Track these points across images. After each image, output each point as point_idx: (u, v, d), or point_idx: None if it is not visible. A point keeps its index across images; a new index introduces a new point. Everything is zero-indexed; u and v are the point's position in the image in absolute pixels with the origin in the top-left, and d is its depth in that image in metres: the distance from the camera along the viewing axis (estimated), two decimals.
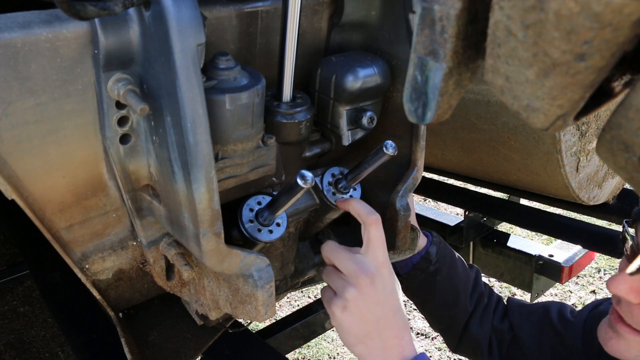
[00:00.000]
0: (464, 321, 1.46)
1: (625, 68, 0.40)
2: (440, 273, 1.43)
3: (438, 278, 1.43)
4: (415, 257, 1.44)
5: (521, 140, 1.81)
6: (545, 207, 2.63)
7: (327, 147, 1.17)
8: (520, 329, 1.41)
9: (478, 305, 1.47)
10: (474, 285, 1.49)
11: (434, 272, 1.43)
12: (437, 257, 1.43)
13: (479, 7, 0.41)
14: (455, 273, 1.45)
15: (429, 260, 1.42)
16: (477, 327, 1.44)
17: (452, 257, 1.47)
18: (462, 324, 1.46)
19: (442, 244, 1.47)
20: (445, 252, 1.46)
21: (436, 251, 1.43)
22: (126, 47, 0.77)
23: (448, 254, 1.46)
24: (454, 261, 1.47)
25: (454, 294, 1.45)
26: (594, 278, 4.40)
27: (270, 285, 0.96)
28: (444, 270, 1.43)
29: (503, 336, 1.43)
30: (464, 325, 1.46)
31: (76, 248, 0.98)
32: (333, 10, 1.13)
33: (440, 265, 1.43)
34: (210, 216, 0.83)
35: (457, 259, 1.49)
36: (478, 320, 1.45)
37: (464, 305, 1.45)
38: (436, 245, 1.44)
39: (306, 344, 3.03)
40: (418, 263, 1.43)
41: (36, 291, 3.69)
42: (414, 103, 0.46)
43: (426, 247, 1.44)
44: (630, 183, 0.40)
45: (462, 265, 1.50)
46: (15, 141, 0.77)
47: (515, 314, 1.44)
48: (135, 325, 1.25)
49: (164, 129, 0.81)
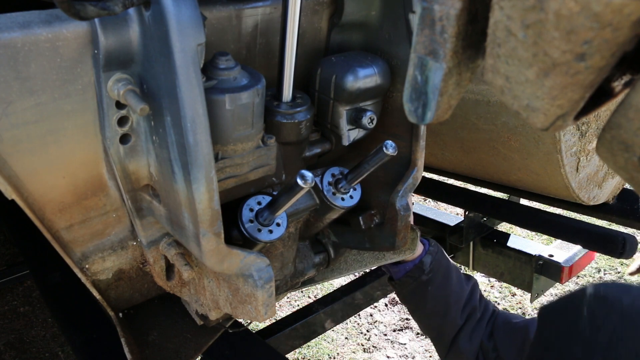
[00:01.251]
0: (453, 334, 1.44)
1: (625, 68, 0.40)
2: (432, 283, 1.43)
3: (429, 288, 1.43)
4: (408, 265, 1.44)
5: (521, 140, 1.81)
6: (545, 207, 2.63)
7: (327, 147, 1.17)
8: (503, 349, 1.37)
9: (469, 320, 1.45)
10: (468, 299, 1.47)
11: (426, 281, 1.42)
12: (431, 267, 1.42)
13: (479, 7, 0.41)
14: (447, 285, 1.44)
15: (422, 269, 1.42)
16: (466, 342, 1.42)
17: (447, 268, 1.46)
18: (450, 337, 1.44)
19: (439, 255, 1.46)
20: (441, 263, 1.45)
21: (430, 261, 1.43)
22: (126, 47, 0.77)
23: (443, 265, 1.46)
24: (448, 273, 1.46)
25: (444, 306, 1.44)
26: (594, 278, 4.40)
27: (270, 285, 0.96)
28: (436, 281, 1.43)
29: (488, 355, 1.40)
30: (452, 338, 1.44)
31: (76, 248, 0.98)
32: (333, 10, 1.13)
33: (433, 276, 1.43)
34: (210, 216, 0.83)
35: (452, 271, 1.48)
36: (468, 335, 1.43)
37: (454, 319, 1.44)
38: (431, 255, 1.44)
39: (306, 344, 3.03)
40: (411, 271, 1.43)
41: (36, 291, 3.69)
42: (414, 103, 0.46)
43: (420, 256, 1.43)
44: (630, 183, 0.40)
45: (457, 278, 1.48)
46: (15, 141, 0.77)
47: (499, 332, 1.41)
48: (135, 325, 1.25)
49: (164, 129, 0.81)
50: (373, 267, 1.47)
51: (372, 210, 1.28)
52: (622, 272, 4.35)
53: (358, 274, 2.73)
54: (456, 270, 1.50)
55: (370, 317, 4.07)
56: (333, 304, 2.12)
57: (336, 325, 2.25)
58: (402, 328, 3.96)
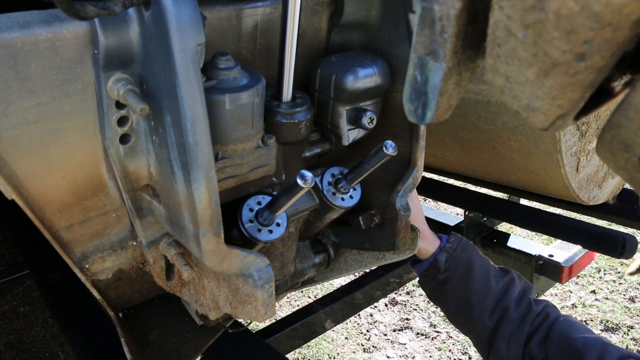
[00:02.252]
0: (485, 337, 1.32)
1: (625, 68, 0.40)
2: (450, 282, 1.35)
3: (448, 287, 1.35)
4: (424, 264, 1.39)
5: (521, 140, 1.81)
6: (545, 207, 2.63)
7: (327, 147, 1.17)
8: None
9: (502, 322, 1.30)
10: (499, 298, 1.32)
11: (444, 280, 1.35)
12: (447, 265, 1.35)
13: (478, 6, 0.41)
14: (468, 284, 1.33)
15: (437, 268, 1.36)
16: (503, 347, 1.28)
17: (468, 265, 1.35)
18: (484, 339, 1.32)
19: (458, 251, 1.36)
20: (460, 260, 1.35)
21: (445, 259, 1.35)
22: (126, 47, 0.77)
23: (463, 262, 1.35)
24: (469, 271, 1.35)
25: (466, 306, 1.33)
26: (594, 278, 4.40)
27: (270, 285, 0.96)
28: (454, 279, 1.35)
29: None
30: (488, 341, 1.32)
31: (76, 248, 0.98)
32: (333, 10, 1.13)
33: (450, 274, 1.35)
34: (210, 216, 0.83)
35: (475, 268, 1.35)
36: (506, 340, 1.28)
37: (480, 320, 1.31)
38: (447, 253, 1.36)
39: (306, 344, 3.03)
40: (427, 270, 1.38)
41: (36, 291, 3.69)
42: (414, 103, 0.46)
43: (434, 254, 1.37)
44: (630, 183, 0.39)
45: (482, 275, 1.35)
46: (15, 141, 0.77)
47: (553, 345, 1.23)
48: (135, 325, 1.25)
49: (164, 129, 0.81)
50: (373, 267, 1.46)
51: (372, 210, 1.28)
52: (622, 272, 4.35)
53: (358, 274, 2.73)
54: (483, 266, 1.36)
55: (370, 317, 4.07)
56: (333, 304, 2.12)
57: (336, 325, 2.25)
58: (402, 328, 3.96)
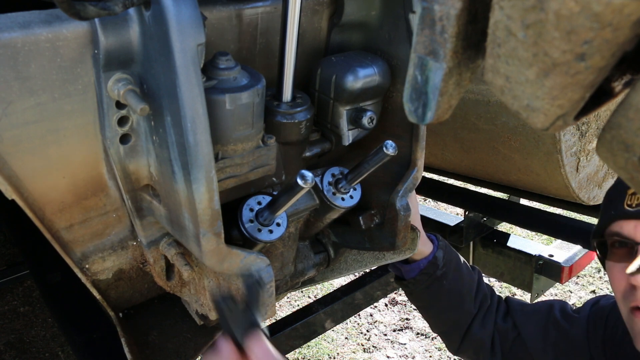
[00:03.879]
0: (468, 323, 1.47)
1: (625, 68, 0.40)
2: (447, 277, 1.43)
3: (444, 282, 1.43)
4: (422, 262, 1.43)
5: (521, 140, 1.81)
6: (545, 207, 2.63)
7: (327, 147, 1.17)
8: (524, 327, 1.44)
9: (482, 307, 1.49)
10: (478, 287, 1.50)
11: (441, 276, 1.43)
12: (444, 261, 1.42)
13: (479, 6, 0.41)
14: (460, 276, 1.46)
15: (436, 265, 1.42)
16: (479, 328, 1.47)
17: (457, 260, 1.48)
18: (465, 326, 1.47)
19: (448, 248, 1.47)
20: (452, 255, 1.46)
21: (443, 255, 1.43)
22: (126, 47, 0.77)
23: (454, 258, 1.47)
24: (459, 264, 1.47)
25: (459, 298, 1.45)
26: (594, 278, 4.40)
27: (270, 285, 0.96)
28: (450, 274, 1.43)
29: (507, 334, 1.46)
30: (468, 327, 1.47)
31: (76, 248, 0.98)
32: (333, 10, 1.13)
33: (447, 269, 1.43)
34: (210, 216, 0.83)
35: (462, 262, 1.49)
36: (480, 321, 1.47)
37: (469, 308, 1.47)
38: (443, 250, 1.44)
39: (306, 344, 3.03)
40: (425, 268, 1.42)
41: (36, 291, 3.69)
42: (414, 103, 0.46)
43: (433, 252, 1.43)
44: (630, 183, 0.39)
45: (466, 268, 1.50)
46: (15, 141, 0.77)
47: (517, 312, 1.48)
48: (135, 325, 1.25)
49: (164, 129, 0.81)
50: (373, 267, 1.47)
51: (372, 210, 1.28)
52: None
53: (358, 274, 2.73)
54: (463, 260, 1.52)
55: (370, 317, 4.08)
56: (333, 304, 2.12)
57: (336, 325, 2.25)
58: (402, 328, 3.96)
